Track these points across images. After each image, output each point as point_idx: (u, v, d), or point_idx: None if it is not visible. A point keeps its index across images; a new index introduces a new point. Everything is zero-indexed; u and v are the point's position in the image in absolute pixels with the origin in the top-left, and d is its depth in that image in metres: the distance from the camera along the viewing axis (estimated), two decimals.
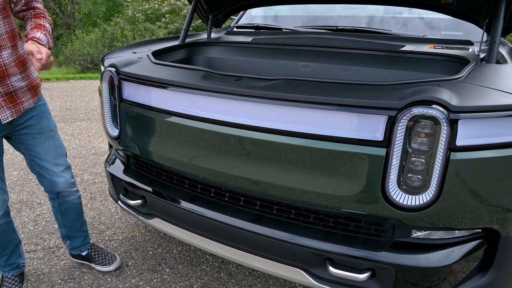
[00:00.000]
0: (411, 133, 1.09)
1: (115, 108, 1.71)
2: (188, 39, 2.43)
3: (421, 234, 1.26)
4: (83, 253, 2.00)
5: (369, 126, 1.14)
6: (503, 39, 2.09)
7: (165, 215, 1.65)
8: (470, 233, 1.25)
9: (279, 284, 1.94)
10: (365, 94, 1.17)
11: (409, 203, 1.13)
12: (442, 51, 1.86)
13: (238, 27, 2.85)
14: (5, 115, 1.54)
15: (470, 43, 2.02)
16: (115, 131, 1.74)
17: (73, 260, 2.06)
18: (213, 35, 2.62)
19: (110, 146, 2.16)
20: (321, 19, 2.71)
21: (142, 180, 1.75)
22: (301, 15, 2.83)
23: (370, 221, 1.30)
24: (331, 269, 1.26)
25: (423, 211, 1.13)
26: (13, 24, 1.54)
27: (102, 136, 4.20)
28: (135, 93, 1.61)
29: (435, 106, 1.06)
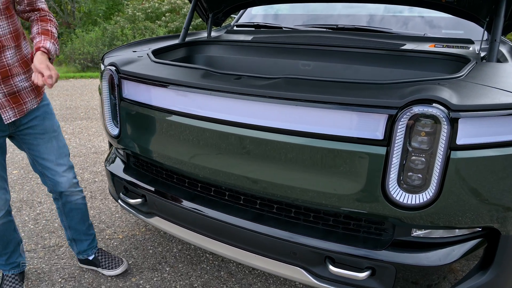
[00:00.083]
0: (411, 131, 1.09)
1: (115, 107, 1.71)
2: (188, 38, 2.43)
3: (421, 233, 1.26)
4: (90, 257, 1.98)
5: (369, 125, 1.13)
6: (504, 37, 2.09)
7: (165, 213, 1.66)
8: (470, 231, 1.25)
9: (279, 283, 1.94)
10: (365, 92, 1.17)
11: (409, 201, 1.13)
12: (442, 49, 1.86)
13: (238, 25, 2.85)
14: (7, 115, 1.53)
15: (471, 41, 2.02)
16: (115, 130, 1.74)
17: (81, 266, 2.02)
18: (213, 33, 2.62)
19: (110, 145, 2.16)
20: (321, 17, 2.70)
21: (142, 178, 1.76)
22: (301, 13, 2.83)
23: (370, 219, 1.30)
24: (331, 267, 1.26)
25: (423, 209, 1.13)
26: (17, 24, 1.52)
27: (102, 135, 4.20)
28: (135, 91, 1.61)
29: (435, 105, 1.05)
